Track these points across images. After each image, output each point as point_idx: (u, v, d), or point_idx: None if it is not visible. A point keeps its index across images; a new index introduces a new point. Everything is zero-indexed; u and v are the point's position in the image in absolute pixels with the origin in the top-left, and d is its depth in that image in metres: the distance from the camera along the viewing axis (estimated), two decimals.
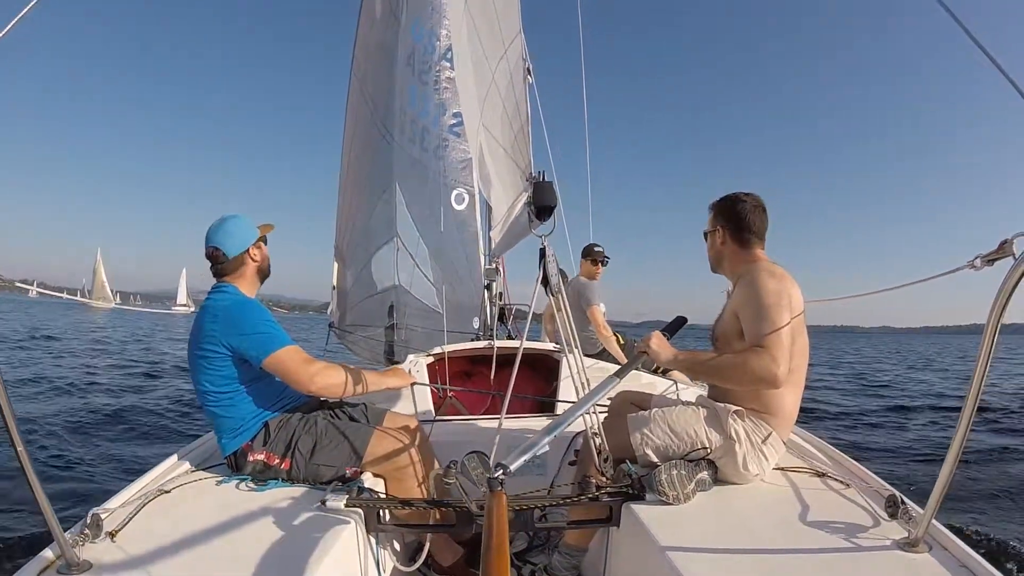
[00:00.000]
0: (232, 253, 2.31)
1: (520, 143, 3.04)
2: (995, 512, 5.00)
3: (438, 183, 5.82)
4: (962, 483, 5.67)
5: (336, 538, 1.69)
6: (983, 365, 1.31)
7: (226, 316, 2.18)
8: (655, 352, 2.22)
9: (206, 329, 2.17)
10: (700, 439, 2.09)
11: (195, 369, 2.21)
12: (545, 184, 2.51)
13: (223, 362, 2.17)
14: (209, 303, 2.26)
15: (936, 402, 12.14)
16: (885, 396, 13.38)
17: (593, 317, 5.17)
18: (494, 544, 0.96)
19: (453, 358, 3.79)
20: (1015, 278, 1.17)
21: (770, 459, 2.12)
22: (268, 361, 2.15)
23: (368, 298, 6.08)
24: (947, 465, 1.43)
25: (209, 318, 2.19)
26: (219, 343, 2.15)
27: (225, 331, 2.15)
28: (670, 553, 1.56)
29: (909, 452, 7.24)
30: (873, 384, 16.26)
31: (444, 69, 5.78)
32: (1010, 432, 8.44)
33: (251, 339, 2.15)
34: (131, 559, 1.52)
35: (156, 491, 1.94)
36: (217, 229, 2.33)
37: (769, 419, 2.12)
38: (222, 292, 2.30)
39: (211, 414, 2.22)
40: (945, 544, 1.58)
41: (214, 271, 2.35)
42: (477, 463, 2.05)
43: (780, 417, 2.13)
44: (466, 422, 3.08)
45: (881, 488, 1.98)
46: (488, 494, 1.08)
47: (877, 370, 21.89)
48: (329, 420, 2.32)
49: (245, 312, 2.21)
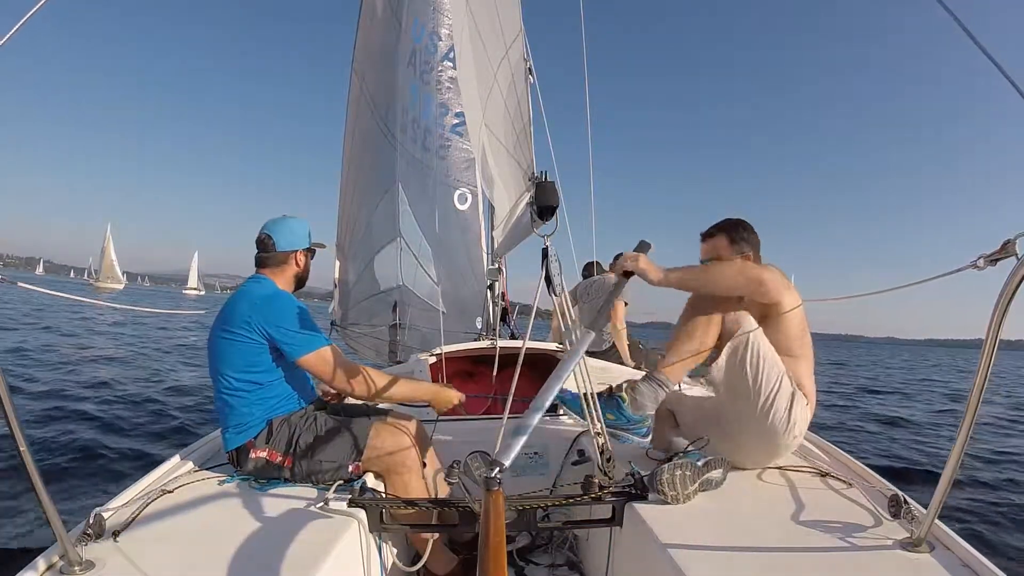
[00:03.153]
0: (281, 248, 2.40)
1: (522, 143, 3.05)
2: (998, 512, 5.00)
3: (440, 183, 5.83)
4: (965, 483, 5.68)
5: (338, 538, 1.69)
6: (985, 366, 1.31)
7: (267, 305, 2.20)
8: (643, 270, 2.13)
9: (242, 313, 2.18)
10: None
11: (216, 353, 2.22)
12: (547, 184, 2.51)
13: (250, 348, 2.18)
14: (247, 289, 2.29)
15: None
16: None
17: (616, 310, 5.17)
18: (491, 544, 0.96)
19: (456, 358, 3.80)
20: (1018, 278, 1.17)
21: (798, 421, 2.06)
22: (308, 358, 2.19)
23: (371, 297, 6.10)
24: (950, 465, 1.43)
25: (247, 304, 2.20)
26: (254, 329, 2.16)
27: (265, 319, 2.16)
28: (673, 553, 1.56)
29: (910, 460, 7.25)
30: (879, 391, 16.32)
31: (446, 69, 5.79)
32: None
33: (291, 333, 2.17)
34: (133, 559, 1.52)
35: (159, 491, 1.94)
36: (277, 221, 2.43)
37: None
38: (260, 282, 2.34)
39: (222, 403, 2.22)
40: (948, 544, 1.58)
41: (257, 259, 2.41)
42: (480, 463, 2.06)
43: (801, 388, 2.09)
44: (468, 422, 3.09)
45: (884, 488, 1.98)
46: (485, 493, 1.08)
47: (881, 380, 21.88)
48: (329, 416, 2.33)
49: (288, 305, 2.24)
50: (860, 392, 15.91)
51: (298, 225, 2.46)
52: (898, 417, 10.60)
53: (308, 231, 2.49)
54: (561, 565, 2.52)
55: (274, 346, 2.19)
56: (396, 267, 5.80)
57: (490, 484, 1.07)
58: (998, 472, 6.40)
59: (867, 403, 13.17)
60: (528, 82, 3.16)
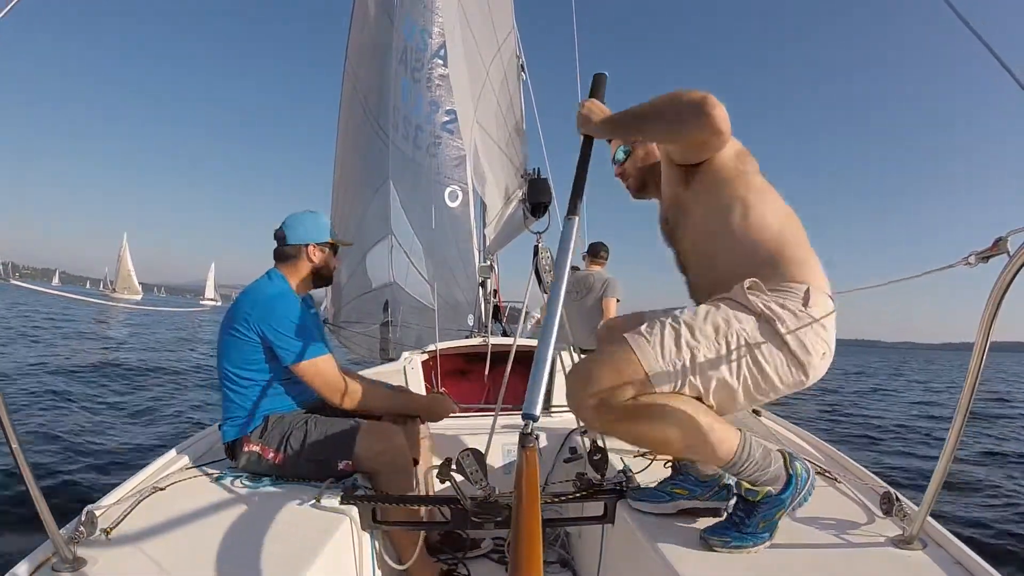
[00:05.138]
0: (292, 240, 2.35)
1: (514, 140, 3.05)
2: (990, 509, 5.04)
3: (432, 180, 5.84)
4: (957, 480, 5.72)
5: (330, 535, 1.68)
6: (977, 362, 1.32)
7: (266, 304, 2.20)
8: (587, 112, 1.72)
9: (244, 310, 2.19)
10: (732, 328, 1.47)
11: (222, 348, 2.24)
12: (540, 180, 2.51)
13: (250, 347, 2.18)
14: (255, 286, 2.29)
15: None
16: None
17: (608, 309, 5.18)
18: (525, 502, 0.92)
19: (448, 355, 3.79)
20: (1010, 275, 1.18)
21: (828, 326, 1.50)
22: (301, 366, 2.18)
23: (363, 295, 6.09)
24: (942, 462, 1.44)
25: (249, 301, 2.21)
26: (251, 327, 2.16)
27: (261, 318, 2.16)
28: (664, 550, 1.56)
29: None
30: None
31: (436, 67, 5.79)
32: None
33: (286, 339, 2.17)
34: (125, 556, 1.51)
35: (151, 488, 1.93)
36: (293, 216, 2.40)
37: (794, 273, 1.54)
38: (270, 279, 2.32)
39: (224, 395, 2.24)
40: (940, 541, 1.59)
41: (274, 253, 2.39)
42: (472, 461, 2.05)
43: (804, 268, 1.55)
44: (460, 419, 3.08)
45: (876, 485, 1.99)
46: (520, 451, 1.04)
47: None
48: (322, 416, 2.33)
49: (286, 307, 2.22)
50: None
51: (313, 218, 2.41)
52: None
53: (325, 225, 2.43)
54: (553, 562, 2.52)
55: (268, 346, 2.19)
56: (388, 265, 5.79)
57: (527, 441, 1.05)
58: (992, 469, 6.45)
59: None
60: (520, 79, 3.16)
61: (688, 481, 1.80)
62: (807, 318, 1.48)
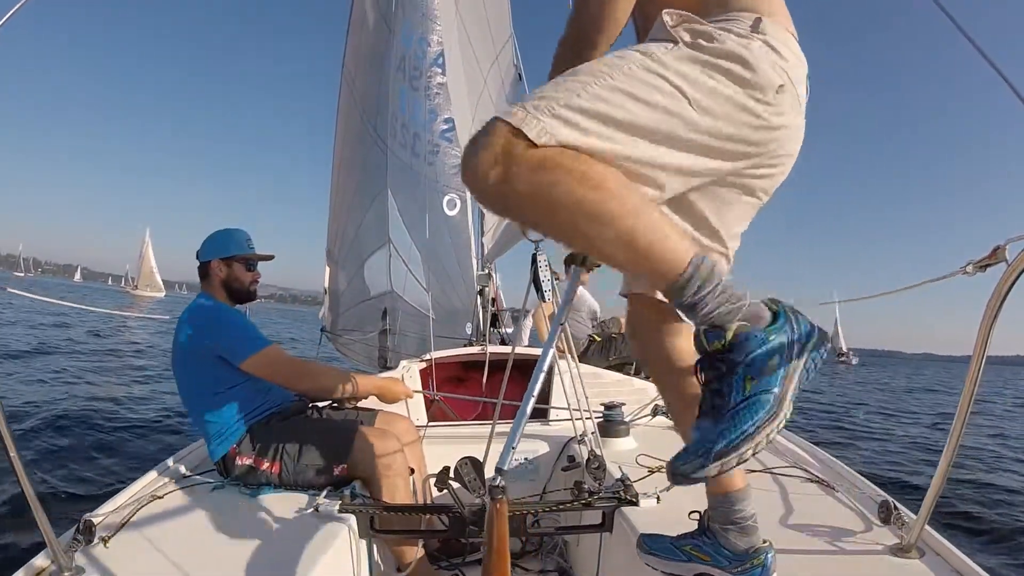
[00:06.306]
0: (200, 258, 2.44)
1: None
2: (989, 519, 5.03)
3: (430, 189, 5.84)
4: (956, 489, 5.71)
5: (329, 543, 1.68)
6: (975, 370, 1.32)
7: (202, 319, 2.28)
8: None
9: (183, 333, 2.25)
10: (647, 60, 1.03)
11: (177, 374, 2.30)
12: None
13: (202, 366, 2.22)
14: (187, 309, 2.35)
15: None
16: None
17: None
18: (495, 552, 0.94)
19: (445, 364, 3.79)
20: (1008, 284, 1.18)
21: (784, 52, 1.10)
22: (250, 362, 2.22)
23: (361, 303, 6.09)
24: (940, 470, 1.44)
25: (186, 322, 2.27)
26: (197, 346, 2.22)
27: (200, 334, 2.23)
28: None
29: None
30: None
31: (435, 75, 5.80)
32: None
33: (229, 341, 2.23)
34: (124, 565, 1.51)
35: (149, 496, 1.93)
36: (209, 234, 2.47)
37: (744, 3, 1.15)
38: (197, 300, 2.40)
39: (196, 419, 2.25)
40: (938, 550, 1.59)
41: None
42: (469, 469, 2.04)
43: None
44: (458, 428, 3.08)
45: (874, 494, 1.99)
46: (489, 503, 1.06)
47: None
48: (314, 419, 2.34)
49: (220, 315, 2.32)
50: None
51: (223, 235, 2.47)
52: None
53: (234, 240, 2.47)
54: (551, 571, 2.51)
55: (219, 356, 2.23)
56: (386, 273, 5.80)
57: (495, 493, 1.06)
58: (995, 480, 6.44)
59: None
60: (518, 86, 3.17)
61: (713, 547, 1.37)
62: (755, 39, 1.08)
